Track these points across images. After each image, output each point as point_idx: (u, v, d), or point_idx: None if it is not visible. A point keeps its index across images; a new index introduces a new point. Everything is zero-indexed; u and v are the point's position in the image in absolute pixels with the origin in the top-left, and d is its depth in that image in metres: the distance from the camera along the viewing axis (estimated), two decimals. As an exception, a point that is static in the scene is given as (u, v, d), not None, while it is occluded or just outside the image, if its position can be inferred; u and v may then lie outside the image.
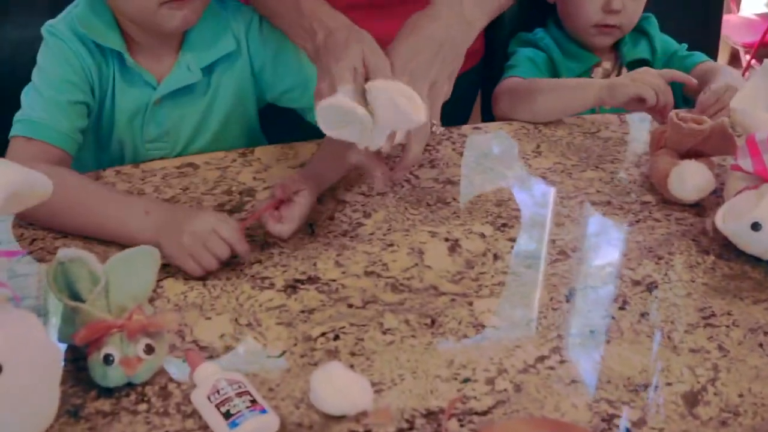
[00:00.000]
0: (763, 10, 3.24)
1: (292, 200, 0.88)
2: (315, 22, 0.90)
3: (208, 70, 1.01)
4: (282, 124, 1.13)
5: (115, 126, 1.00)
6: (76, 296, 0.68)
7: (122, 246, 0.80)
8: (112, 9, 0.95)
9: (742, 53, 3.17)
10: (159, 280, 0.82)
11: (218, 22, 1.00)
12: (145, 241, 0.79)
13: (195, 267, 0.82)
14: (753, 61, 3.24)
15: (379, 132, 0.80)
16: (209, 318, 0.78)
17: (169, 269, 0.84)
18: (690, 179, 0.92)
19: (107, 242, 0.86)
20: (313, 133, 1.08)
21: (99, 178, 0.99)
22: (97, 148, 1.04)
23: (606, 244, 0.90)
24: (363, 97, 0.80)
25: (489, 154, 1.09)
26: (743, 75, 2.00)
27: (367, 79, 0.81)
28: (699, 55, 1.26)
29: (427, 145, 1.09)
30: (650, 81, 1.08)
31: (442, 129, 0.90)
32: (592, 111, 1.26)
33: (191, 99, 1.01)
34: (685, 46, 1.29)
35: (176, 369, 0.71)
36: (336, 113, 0.80)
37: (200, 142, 1.05)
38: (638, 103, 1.09)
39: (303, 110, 1.06)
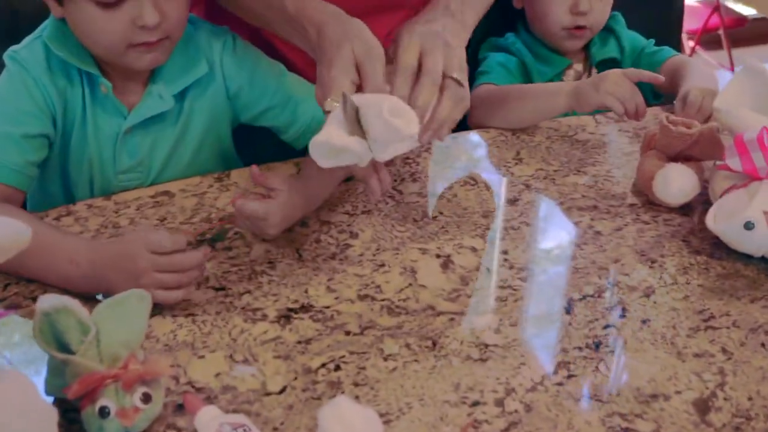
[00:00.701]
0: (705, -3, 3.30)
1: (269, 196, 0.86)
2: (304, 20, 0.87)
3: (180, 97, 0.97)
4: (255, 142, 1.10)
5: (84, 157, 0.97)
6: (64, 347, 0.64)
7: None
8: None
9: (685, 39, 3.22)
10: (145, 319, 0.79)
11: (191, 47, 0.97)
12: (83, 290, 0.78)
13: (169, 295, 0.78)
14: (697, 47, 3.31)
15: (375, 147, 0.78)
16: (203, 357, 0.75)
17: (154, 307, 0.80)
18: (674, 182, 0.92)
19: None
20: (288, 150, 1.07)
21: (70, 213, 0.95)
22: (64, 181, 1.00)
23: (598, 251, 0.89)
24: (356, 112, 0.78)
25: (470, 163, 1.07)
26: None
27: (359, 88, 0.80)
28: (667, 50, 1.27)
29: (407, 157, 1.07)
30: (615, 89, 1.06)
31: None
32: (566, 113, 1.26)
33: (163, 127, 0.98)
34: (652, 41, 1.29)
35: (174, 415, 0.68)
36: (329, 148, 0.77)
37: (174, 169, 1.02)
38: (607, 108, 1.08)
39: (279, 129, 1.04)
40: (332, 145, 0.77)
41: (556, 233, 0.93)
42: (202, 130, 1.01)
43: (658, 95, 1.29)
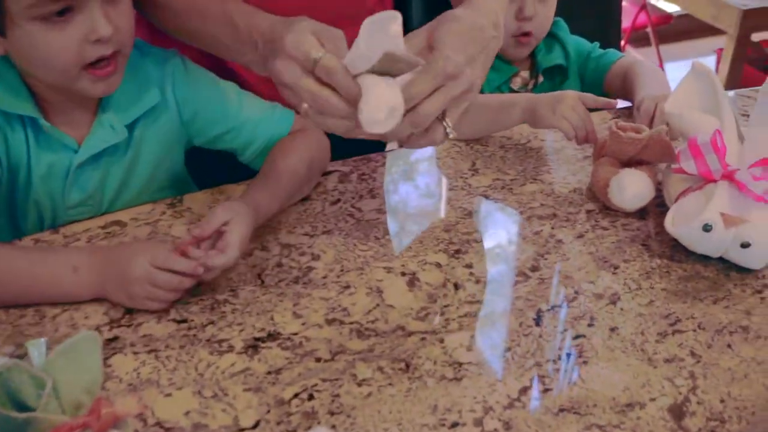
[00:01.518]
0: (630, -5, 3.38)
1: (222, 231, 0.83)
2: (254, 32, 0.84)
3: (131, 126, 0.94)
4: (207, 163, 1.08)
5: (31, 193, 0.92)
6: (22, 406, 0.61)
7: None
8: (20, 72, 0.87)
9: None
10: (105, 358, 0.76)
11: (140, 75, 0.93)
12: (86, 297, 0.81)
13: (159, 305, 0.81)
14: (627, 45, 3.40)
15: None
16: (169, 395, 0.72)
17: (115, 344, 0.77)
18: (629, 188, 0.93)
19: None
20: (242, 171, 1.04)
21: (16, 249, 0.91)
22: (11, 216, 0.95)
23: (561, 260, 0.90)
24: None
25: (426, 176, 1.07)
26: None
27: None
28: (612, 53, 1.28)
29: (362, 173, 1.06)
30: (570, 114, 1.06)
31: (454, 133, 0.82)
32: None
33: (114, 158, 0.95)
34: (597, 45, 1.31)
35: (146, 459, 0.65)
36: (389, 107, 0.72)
37: (125, 199, 0.98)
38: None
39: (236, 151, 1.01)
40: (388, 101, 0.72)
41: (518, 244, 0.93)
42: (154, 158, 0.98)
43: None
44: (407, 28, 0.75)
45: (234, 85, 1.01)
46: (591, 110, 1.08)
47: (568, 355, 0.77)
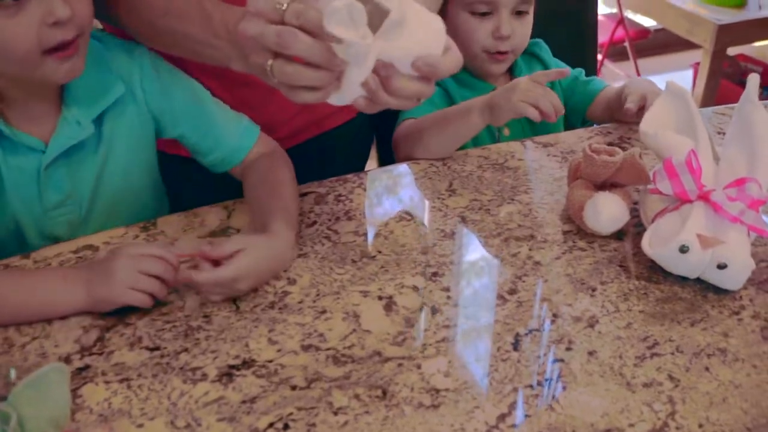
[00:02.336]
0: (606, 11, 3.41)
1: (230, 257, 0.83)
2: (228, 22, 0.82)
3: (98, 121, 0.92)
4: (183, 175, 1.07)
5: (5, 202, 0.90)
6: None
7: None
8: None
9: (594, 52, 3.32)
10: (76, 388, 0.74)
11: (103, 68, 0.91)
12: (78, 307, 0.82)
13: (142, 298, 0.82)
14: (605, 60, 3.42)
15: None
16: (141, 425, 0.71)
17: (86, 373, 0.76)
18: (603, 212, 0.92)
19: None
20: (219, 189, 1.03)
21: (-15, 275, 0.89)
22: None
23: (539, 282, 0.89)
24: None
25: (403, 198, 1.06)
26: (597, 74, 2.08)
27: None
28: (599, 81, 1.29)
29: (339, 195, 1.05)
30: (526, 96, 1.07)
31: None
32: (492, 137, 1.26)
33: (85, 154, 0.92)
34: (582, 71, 1.31)
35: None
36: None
37: (105, 196, 0.97)
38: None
39: (198, 152, 1.02)
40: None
41: (496, 266, 0.92)
42: (127, 152, 0.96)
43: (585, 122, 1.31)
44: None
45: (200, 86, 1.00)
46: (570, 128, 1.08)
47: (547, 380, 0.76)
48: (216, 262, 0.84)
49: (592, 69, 1.62)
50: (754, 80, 0.88)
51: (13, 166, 0.89)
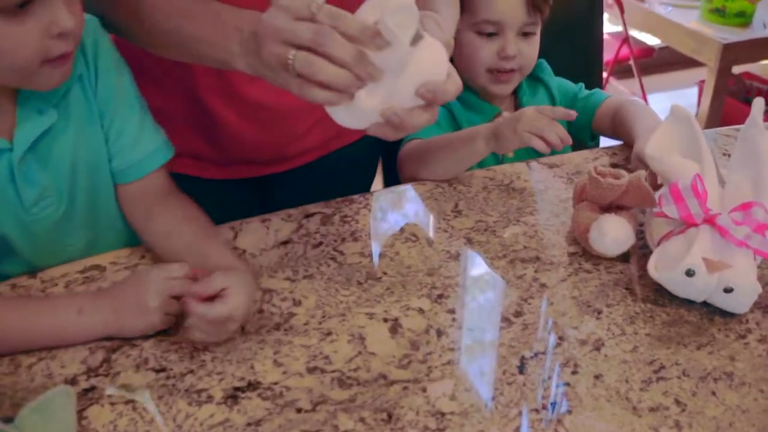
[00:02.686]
0: (611, 29, 3.42)
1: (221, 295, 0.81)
2: (238, 21, 0.81)
3: (62, 105, 0.88)
4: None
5: None
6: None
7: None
8: None
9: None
10: (82, 410, 0.74)
11: None
12: (97, 337, 0.82)
13: (171, 320, 0.83)
14: (610, 78, 3.43)
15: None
16: (147, 448, 0.71)
17: (92, 394, 0.76)
18: (609, 234, 0.92)
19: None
20: (226, 209, 1.03)
21: (-7, 295, 0.90)
22: None
23: (545, 304, 0.89)
24: None
25: (409, 218, 1.06)
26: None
27: None
28: (599, 93, 1.29)
29: (345, 216, 1.05)
30: (532, 126, 1.07)
31: None
32: (497, 159, 1.26)
33: (54, 142, 0.88)
34: (582, 86, 1.31)
35: None
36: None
37: (83, 185, 0.93)
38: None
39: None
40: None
41: (502, 288, 0.92)
42: (100, 135, 0.92)
43: (594, 136, 1.31)
44: None
45: (133, 82, 0.97)
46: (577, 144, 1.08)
47: (553, 404, 0.76)
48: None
49: (597, 86, 1.62)
50: (758, 104, 0.89)
51: None
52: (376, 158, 1.38)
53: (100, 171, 0.94)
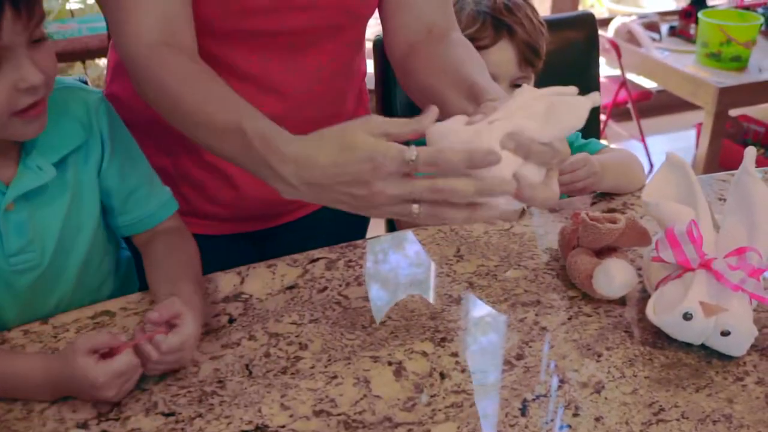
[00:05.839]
0: (610, 73, 3.48)
1: (174, 324, 0.83)
2: (269, 151, 0.78)
3: (62, 165, 0.92)
4: None
5: None
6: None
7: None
8: None
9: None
10: (93, 454, 0.76)
11: (62, 112, 0.92)
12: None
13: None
14: (609, 120, 3.48)
15: None
16: (157, 491, 0.72)
17: (102, 439, 0.77)
18: (617, 277, 0.94)
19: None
20: (231, 255, 1.06)
21: (5, 340, 0.91)
22: None
23: (546, 347, 0.91)
24: None
25: (411, 263, 1.08)
26: (601, 134, 2.11)
27: None
28: (595, 143, 1.32)
29: (349, 260, 1.08)
30: None
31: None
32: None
33: (49, 199, 0.92)
34: (578, 134, 1.34)
35: None
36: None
37: (70, 245, 0.96)
38: None
39: (111, 210, 1.00)
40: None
41: (503, 331, 0.94)
42: (95, 196, 0.97)
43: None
44: None
45: (136, 144, 1.02)
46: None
47: (554, 446, 0.77)
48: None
49: (595, 129, 1.66)
50: (750, 153, 0.92)
51: None
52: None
53: (88, 235, 0.98)
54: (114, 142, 0.97)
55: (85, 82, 1.15)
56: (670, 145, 3.67)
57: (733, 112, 3.04)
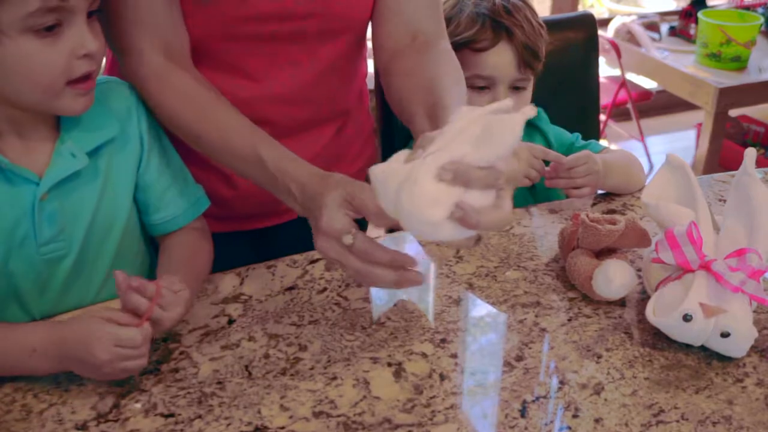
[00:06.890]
0: (610, 73, 3.47)
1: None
2: (287, 179, 0.89)
3: (94, 154, 0.94)
4: None
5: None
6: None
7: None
8: None
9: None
10: (92, 455, 0.76)
11: (100, 103, 0.93)
12: (46, 374, 0.84)
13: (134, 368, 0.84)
14: (609, 121, 3.48)
15: None
16: (156, 493, 0.72)
17: (101, 441, 0.77)
18: (617, 278, 0.94)
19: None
20: (232, 255, 1.06)
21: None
22: None
23: (546, 348, 0.91)
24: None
25: (412, 263, 1.08)
26: (601, 135, 2.11)
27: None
28: (595, 145, 1.32)
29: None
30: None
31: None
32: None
33: (81, 187, 0.93)
34: (578, 135, 1.34)
35: None
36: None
37: (100, 236, 0.96)
38: None
39: (145, 209, 1.02)
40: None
41: (503, 333, 0.94)
42: (126, 190, 0.98)
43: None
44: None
45: (170, 142, 1.04)
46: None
47: (554, 448, 0.77)
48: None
49: (595, 130, 1.66)
50: (750, 154, 0.91)
51: (8, 199, 0.89)
52: None
53: (119, 228, 0.99)
54: (152, 140, 1.00)
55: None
56: (669, 146, 3.67)
57: (733, 113, 3.04)
